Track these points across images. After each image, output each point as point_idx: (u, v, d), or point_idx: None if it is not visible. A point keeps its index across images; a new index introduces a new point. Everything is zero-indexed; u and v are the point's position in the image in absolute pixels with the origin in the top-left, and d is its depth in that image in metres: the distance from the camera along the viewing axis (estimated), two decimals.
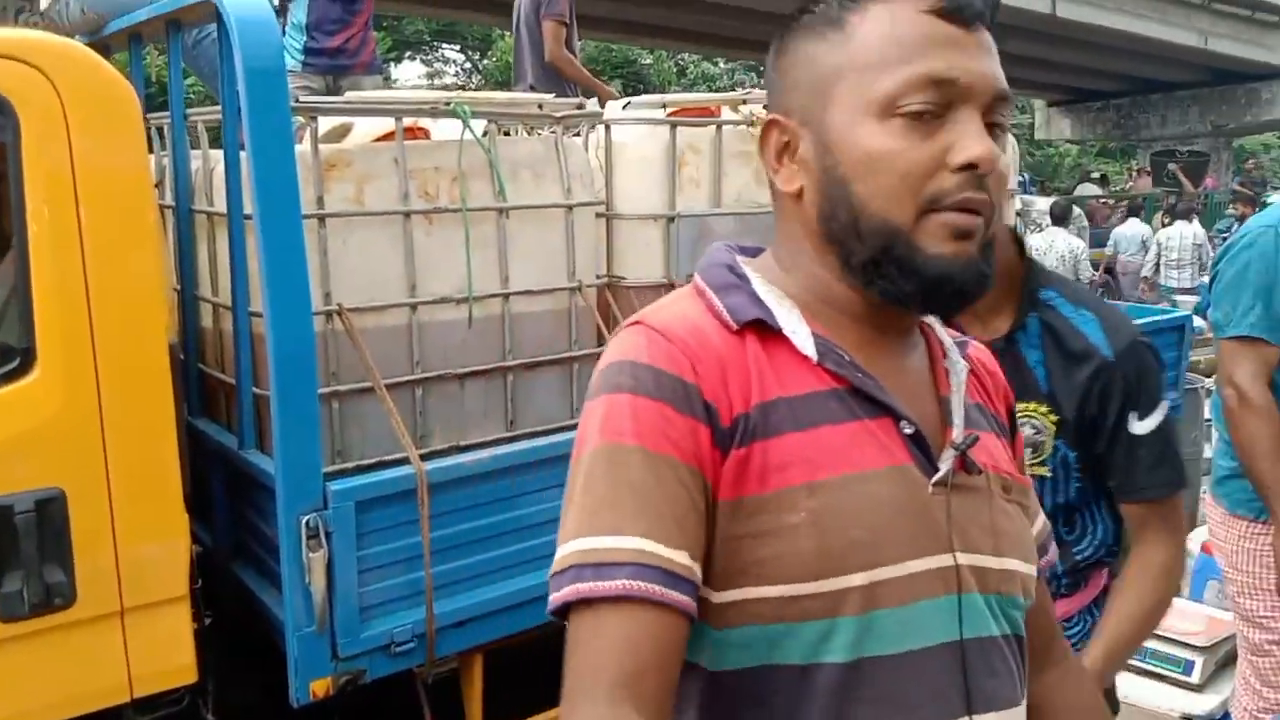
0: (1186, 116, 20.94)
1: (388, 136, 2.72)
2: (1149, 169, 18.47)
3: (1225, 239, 11.83)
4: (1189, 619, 2.98)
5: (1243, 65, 18.64)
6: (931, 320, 0.99)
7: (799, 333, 0.88)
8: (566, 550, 0.81)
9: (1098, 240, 12.60)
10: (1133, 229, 12.15)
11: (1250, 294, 2.26)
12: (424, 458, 2.42)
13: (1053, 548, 1.09)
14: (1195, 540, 3.56)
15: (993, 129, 0.86)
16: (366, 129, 2.94)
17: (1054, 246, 8.68)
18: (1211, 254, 8.45)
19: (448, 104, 2.71)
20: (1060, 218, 9.32)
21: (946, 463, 0.89)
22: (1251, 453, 2.25)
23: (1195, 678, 2.79)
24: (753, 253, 0.98)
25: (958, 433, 0.91)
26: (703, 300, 0.91)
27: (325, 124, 2.82)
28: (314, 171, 2.48)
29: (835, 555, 0.82)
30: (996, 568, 0.91)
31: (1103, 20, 15.88)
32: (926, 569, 0.86)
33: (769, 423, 0.84)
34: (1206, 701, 2.75)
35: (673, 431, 0.82)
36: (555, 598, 0.80)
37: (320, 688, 2.26)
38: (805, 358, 0.87)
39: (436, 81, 26.08)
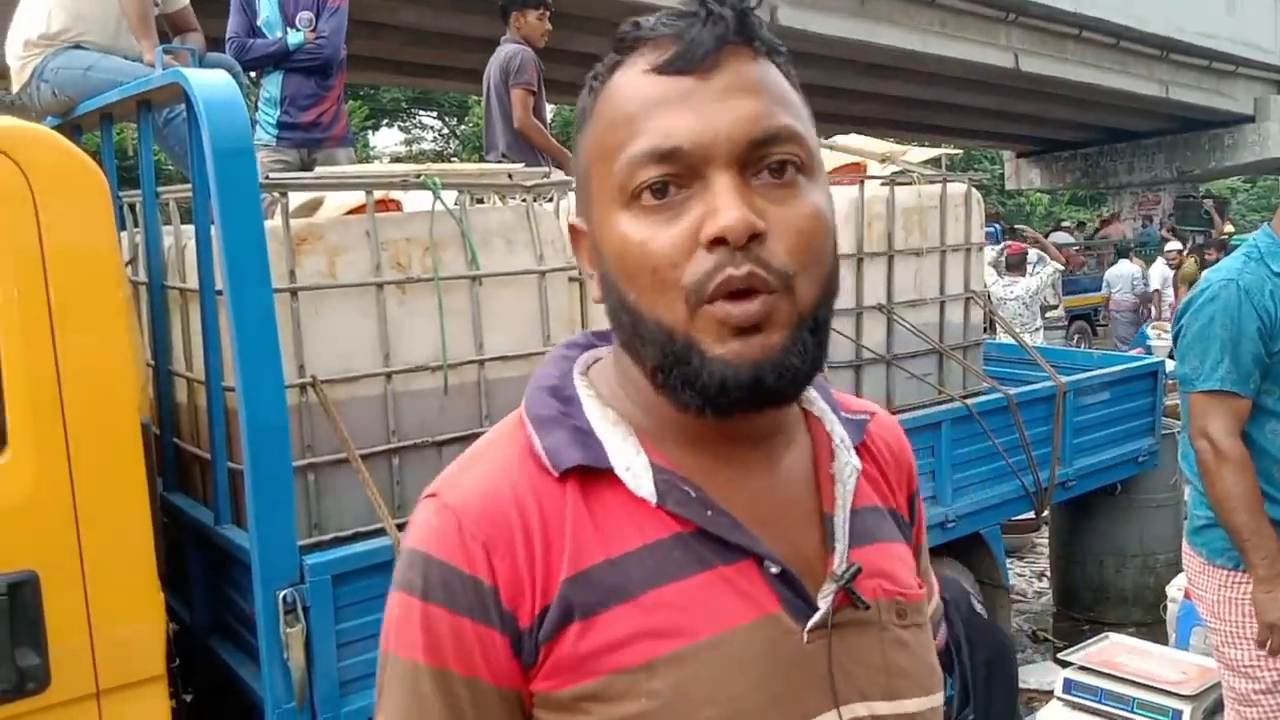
0: (1153, 164, 21.32)
1: (359, 209, 2.75)
2: (1117, 215, 18.78)
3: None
4: (1176, 667, 2.97)
5: (1205, 113, 19.04)
6: (813, 398, 0.84)
7: (633, 469, 0.75)
8: None
9: (1092, 284, 13.74)
10: (1123, 269, 13.07)
11: (1217, 348, 2.28)
12: (401, 528, 2.41)
13: (941, 629, 0.97)
14: (1178, 587, 3.57)
15: (781, 172, 0.72)
16: (338, 202, 2.98)
17: (1013, 291, 8.68)
18: None
19: (418, 176, 2.75)
20: (1016, 266, 9.35)
21: (825, 601, 0.76)
22: (1228, 506, 2.26)
23: None
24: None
25: (839, 562, 0.77)
26: (524, 438, 0.78)
27: (297, 199, 2.85)
28: (285, 245, 2.50)
29: None
30: (896, 713, 0.78)
31: (1066, 73, 16.22)
32: None
33: (591, 597, 0.72)
34: None
35: (465, 646, 0.72)
36: None
37: None
38: (642, 500, 0.74)
39: (414, 148, 26.34)
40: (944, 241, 4.14)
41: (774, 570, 0.75)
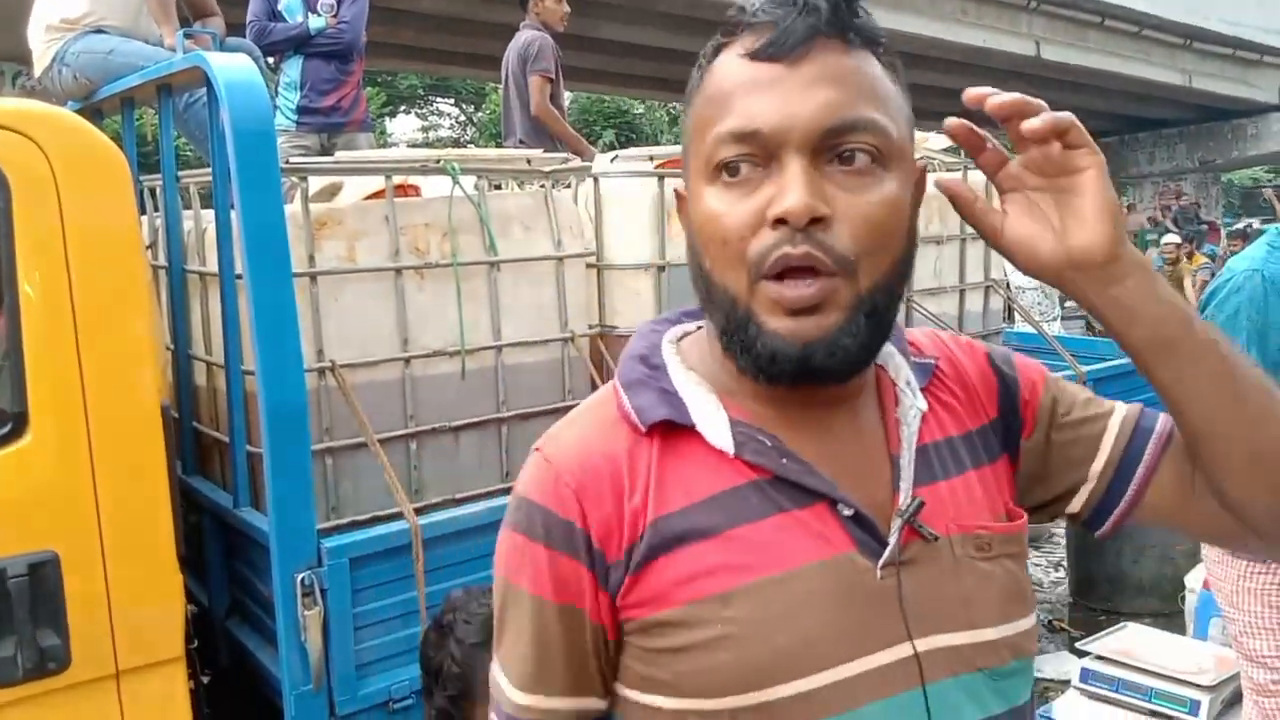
0: (1174, 153, 21.15)
1: (379, 194, 2.75)
2: (1134, 205, 18.63)
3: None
4: (1194, 658, 2.96)
5: (1227, 102, 18.86)
6: (888, 351, 0.88)
7: (713, 425, 0.82)
8: (507, 695, 0.86)
9: None
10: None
11: (1244, 339, 2.26)
12: (419, 511, 2.42)
13: (1159, 431, 0.91)
14: (1196, 578, 3.54)
15: (852, 159, 0.76)
16: (358, 187, 2.98)
17: (1034, 281, 8.62)
18: None
19: (437, 161, 2.75)
20: None
21: (894, 537, 0.80)
22: None
23: (1202, 717, 2.76)
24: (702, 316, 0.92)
25: (904, 499, 0.82)
26: (616, 400, 0.86)
27: (316, 183, 2.85)
28: (305, 230, 2.50)
29: (758, 667, 0.77)
30: (973, 642, 0.82)
31: (1087, 61, 16.09)
32: (875, 666, 0.78)
33: (671, 536, 0.79)
34: None
35: (561, 577, 0.81)
36: None
37: None
38: (722, 452, 0.81)
39: (431, 134, 26.37)
40: (964, 230, 4.11)
41: (846, 512, 0.80)
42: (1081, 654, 3.10)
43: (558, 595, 0.81)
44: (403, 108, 25.83)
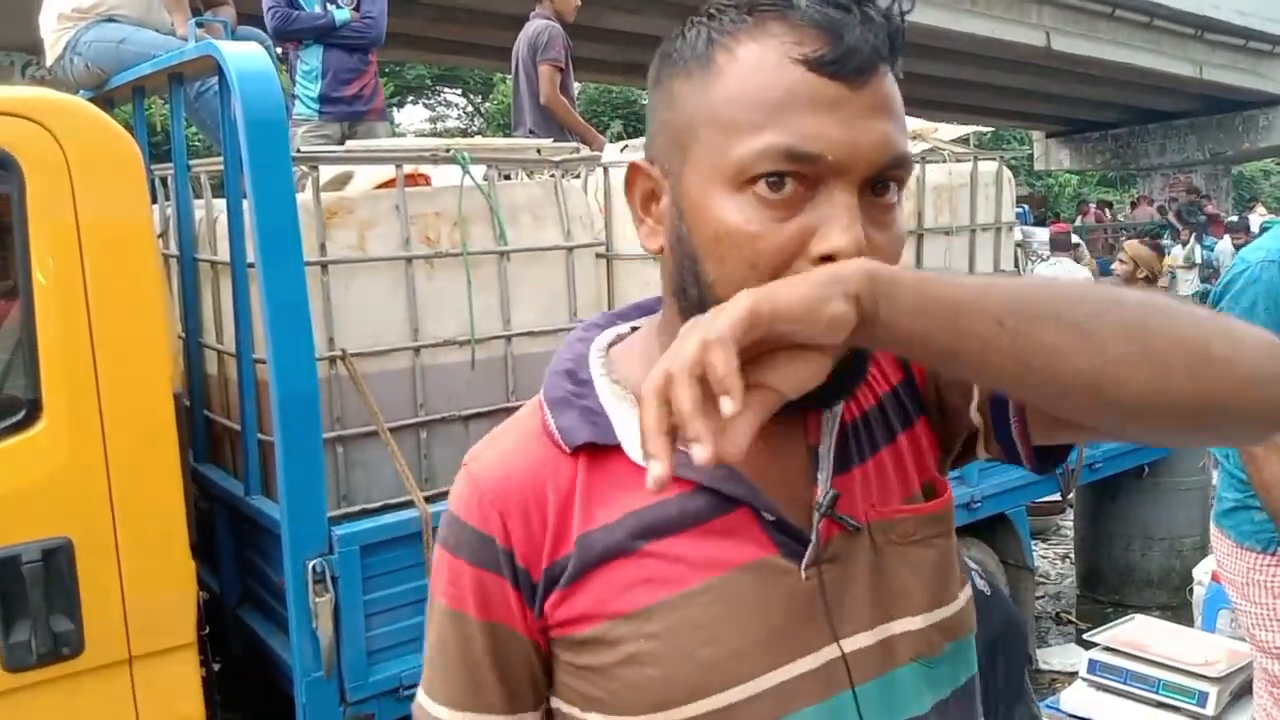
0: (1185, 145, 21.02)
1: (389, 183, 2.75)
2: (1147, 196, 18.55)
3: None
4: (1202, 650, 2.96)
5: (1239, 93, 18.74)
6: None
7: (638, 443, 0.71)
8: (432, 713, 0.84)
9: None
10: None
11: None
12: (429, 500, 2.43)
13: None
14: (1204, 570, 3.54)
15: (885, 190, 0.73)
16: (368, 176, 2.98)
17: (1058, 274, 8.67)
18: None
19: (447, 151, 2.75)
20: (1062, 245, 9.31)
21: (814, 536, 0.78)
22: (1276, 492, 2.22)
23: (1210, 709, 2.76)
24: (649, 308, 0.89)
25: (822, 490, 0.79)
26: (540, 417, 0.83)
27: (327, 173, 2.86)
28: (316, 219, 2.50)
29: (683, 683, 0.75)
30: (902, 632, 0.80)
31: (1097, 52, 15.99)
32: (804, 672, 0.76)
33: (594, 554, 0.77)
34: None
35: (486, 595, 0.80)
36: None
37: None
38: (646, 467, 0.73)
39: (439, 125, 26.35)
40: (974, 220, 4.10)
41: (769, 518, 0.78)
42: (1089, 645, 3.10)
43: (484, 613, 0.80)
44: (410, 98, 25.79)
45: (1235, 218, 12.78)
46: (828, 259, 0.69)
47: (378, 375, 2.61)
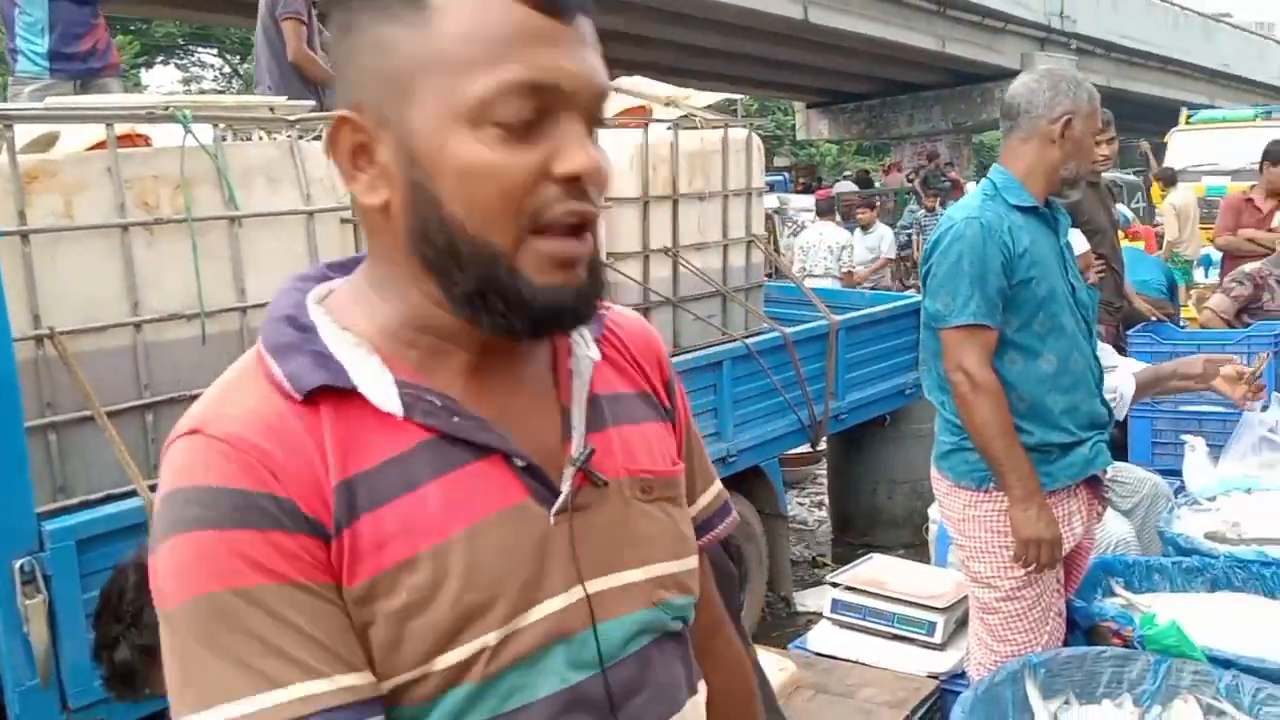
0: (931, 115, 22.54)
1: (102, 145, 2.53)
2: (898, 164, 19.78)
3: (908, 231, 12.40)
4: (932, 583, 3.19)
5: (977, 67, 20.22)
6: None
7: (377, 388, 0.77)
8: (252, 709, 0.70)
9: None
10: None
11: (967, 283, 2.40)
12: (156, 487, 2.27)
13: (730, 517, 1.05)
14: (937, 510, 3.81)
15: (592, 128, 0.78)
16: (80, 138, 2.73)
17: (823, 238, 9.06)
18: None
19: (166, 109, 2.56)
20: (825, 211, 9.75)
21: (566, 484, 0.82)
22: (986, 433, 2.41)
23: (937, 637, 2.98)
24: (353, 265, 0.86)
25: (576, 446, 0.84)
26: (263, 370, 0.78)
27: (29, 132, 2.61)
28: (13, 184, 2.28)
29: (447, 630, 0.75)
30: (640, 579, 0.86)
31: (852, 25, 16.84)
32: (555, 610, 0.80)
33: (356, 503, 0.75)
34: (949, 659, 2.94)
35: (281, 556, 0.72)
36: None
37: None
38: (390, 414, 0.77)
39: (194, 87, 24.74)
40: (726, 186, 4.22)
41: (520, 464, 0.80)
42: (836, 585, 3.28)
43: (277, 578, 0.71)
44: (160, 58, 24.06)
45: (975, 183, 13.77)
46: (571, 179, 0.75)
47: (94, 354, 2.41)
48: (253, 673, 0.70)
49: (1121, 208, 10.55)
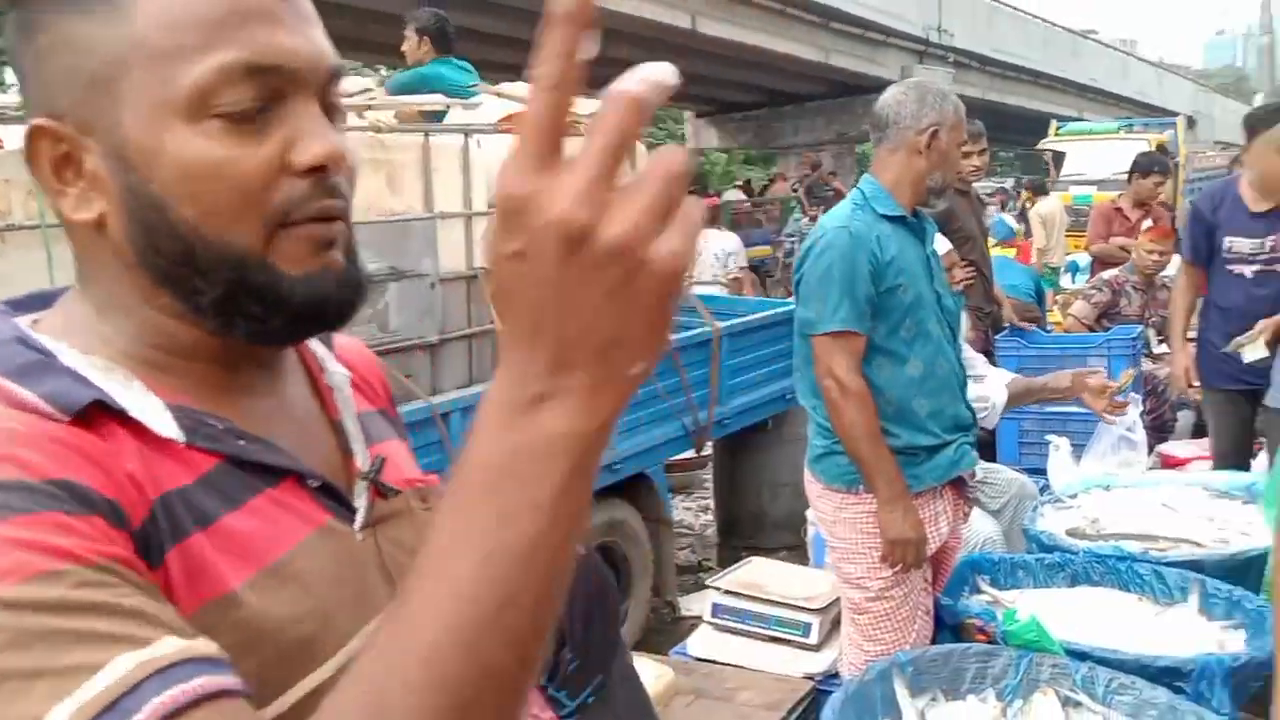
0: (815, 125, 23.04)
1: None
2: (783, 174, 20.16)
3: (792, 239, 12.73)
4: (809, 584, 3.25)
5: (859, 79, 20.75)
6: None
7: (150, 412, 0.68)
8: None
9: (760, 239, 13.99)
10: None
11: (837, 291, 2.46)
12: None
13: None
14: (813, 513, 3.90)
15: (330, 112, 0.72)
16: None
17: (710, 245, 9.15)
18: None
19: (18, 110, 2.44)
20: (711, 219, 9.88)
21: (361, 500, 0.78)
22: (853, 436, 2.47)
23: (813, 638, 3.04)
24: (38, 305, 0.76)
25: (362, 460, 0.79)
26: (4, 399, 0.64)
27: None
28: None
29: (285, 665, 0.67)
30: None
31: (739, 36, 17.10)
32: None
33: (175, 525, 0.65)
34: (824, 660, 3.01)
35: (86, 536, 0.58)
36: None
37: None
38: (169, 440, 0.68)
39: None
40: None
41: (314, 484, 0.75)
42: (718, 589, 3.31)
43: (92, 557, 0.57)
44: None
45: None
46: (315, 170, 0.68)
47: None
48: (89, 653, 0.55)
49: (1006, 217, 11.02)
